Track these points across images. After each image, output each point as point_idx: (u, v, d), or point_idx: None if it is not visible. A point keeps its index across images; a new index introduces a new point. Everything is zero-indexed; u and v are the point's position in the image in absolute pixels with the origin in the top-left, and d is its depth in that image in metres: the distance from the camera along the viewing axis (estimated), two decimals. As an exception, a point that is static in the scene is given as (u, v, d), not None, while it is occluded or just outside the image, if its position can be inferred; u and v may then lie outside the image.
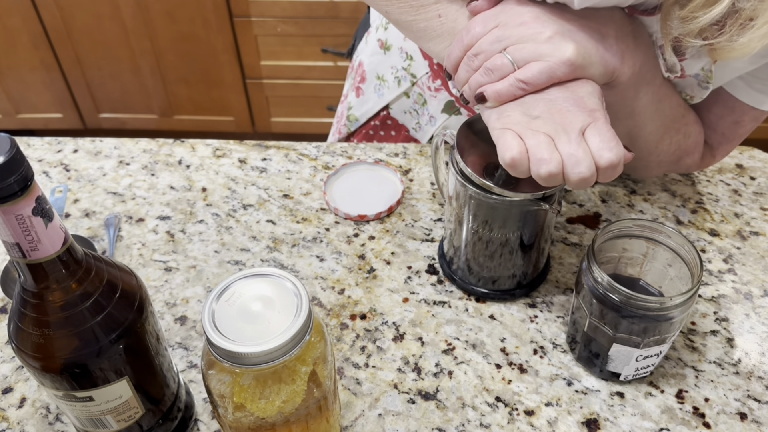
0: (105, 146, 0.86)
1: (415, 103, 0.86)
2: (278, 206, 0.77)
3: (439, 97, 0.82)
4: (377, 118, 0.91)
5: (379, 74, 0.88)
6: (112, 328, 0.45)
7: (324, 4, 1.79)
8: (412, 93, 0.85)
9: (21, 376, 0.61)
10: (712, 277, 0.69)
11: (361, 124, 0.93)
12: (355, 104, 0.93)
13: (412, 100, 0.86)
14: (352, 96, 0.94)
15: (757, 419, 0.57)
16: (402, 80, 0.85)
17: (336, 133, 0.98)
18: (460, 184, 0.58)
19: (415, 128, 0.88)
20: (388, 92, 0.87)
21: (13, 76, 2.03)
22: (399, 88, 0.85)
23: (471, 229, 0.61)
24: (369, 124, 0.92)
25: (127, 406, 0.49)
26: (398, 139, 0.90)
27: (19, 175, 0.36)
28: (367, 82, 0.90)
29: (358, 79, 0.92)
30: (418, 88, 0.84)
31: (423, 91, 0.84)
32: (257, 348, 0.41)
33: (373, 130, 0.92)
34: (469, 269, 0.65)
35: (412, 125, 0.88)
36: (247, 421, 0.45)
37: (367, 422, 0.58)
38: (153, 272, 0.70)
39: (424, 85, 0.83)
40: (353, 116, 0.93)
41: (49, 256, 0.40)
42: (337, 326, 0.65)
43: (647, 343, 0.55)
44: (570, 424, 0.57)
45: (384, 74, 0.87)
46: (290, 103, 2.05)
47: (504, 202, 0.57)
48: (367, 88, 0.90)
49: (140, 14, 1.85)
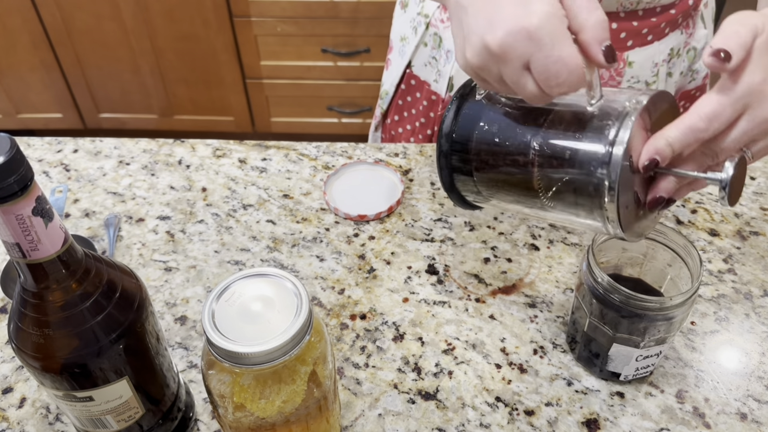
0: (105, 146, 0.86)
1: (432, 49, 0.87)
2: (278, 206, 0.77)
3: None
4: (403, 81, 0.93)
5: (402, 35, 0.91)
6: (112, 328, 0.45)
7: (324, 4, 1.79)
8: (428, 38, 0.87)
9: (21, 376, 0.61)
10: (712, 277, 0.69)
11: (391, 97, 0.96)
12: (386, 78, 0.97)
13: (430, 47, 0.88)
14: (384, 74, 0.98)
15: (757, 419, 0.57)
16: (418, 27, 0.88)
17: (374, 120, 1.03)
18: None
19: (436, 79, 0.89)
20: (408, 47, 0.90)
21: (14, 76, 2.03)
22: (416, 36, 0.88)
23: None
24: (398, 93, 0.95)
25: (127, 406, 0.49)
26: (422, 99, 0.92)
27: (19, 175, 0.36)
28: (394, 51, 0.94)
29: (388, 53, 0.97)
30: (433, 28, 0.86)
31: (437, 28, 0.85)
32: (257, 348, 0.41)
33: (401, 99, 0.95)
34: None
35: (432, 78, 0.90)
36: (247, 421, 0.45)
37: (367, 422, 0.58)
38: (153, 272, 0.70)
39: (437, 21, 0.85)
40: (384, 92, 0.97)
41: (49, 256, 0.40)
42: (337, 326, 0.65)
43: (647, 343, 0.55)
44: (570, 424, 0.57)
45: (405, 32, 0.91)
46: (290, 103, 2.05)
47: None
48: (394, 56, 0.94)
49: (140, 14, 1.85)
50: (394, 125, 0.98)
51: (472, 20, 0.46)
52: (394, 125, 0.98)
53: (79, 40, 1.93)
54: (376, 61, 1.92)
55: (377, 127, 1.03)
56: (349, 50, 1.90)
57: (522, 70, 0.45)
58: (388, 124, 0.99)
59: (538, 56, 0.43)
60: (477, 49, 0.45)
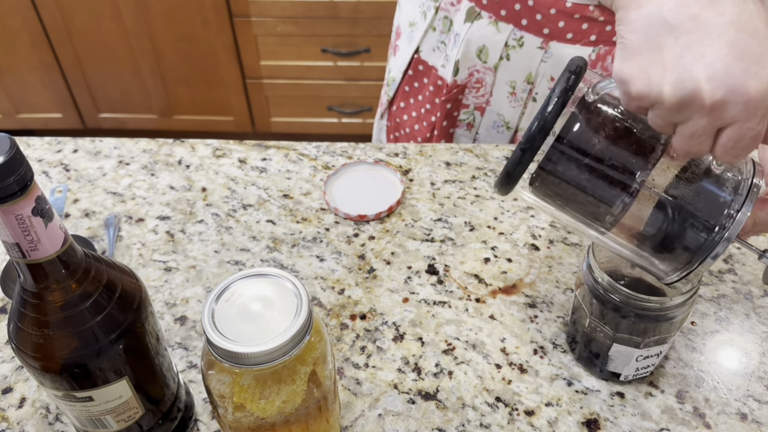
0: (105, 146, 0.86)
1: (441, 33, 0.87)
2: (278, 206, 0.77)
3: (461, 9, 0.83)
4: (410, 67, 0.93)
5: (411, 21, 0.91)
6: (112, 329, 0.45)
7: (324, 4, 1.79)
8: (437, 23, 0.87)
9: (21, 376, 0.61)
10: (712, 277, 0.69)
11: (398, 83, 0.96)
12: (393, 65, 0.97)
13: (439, 32, 0.88)
14: (390, 61, 0.98)
15: (757, 419, 0.57)
16: (427, 11, 0.88)
17: (379, 107, 1.03)
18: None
19: (443, 64, 0.89)
20: (417, 32, 0.90)
21: (13, 76, 2.03)
22: (426, 21, 0.88)
23: None
24: (405, 79, 0.95)
25: (126, 407, 0.49)
26: (429, 84, 0.92)
27: (19, 175, 0.36)
28: (402, 36, 0.94)
29: (395, 38, 0.96)
30: (443, 12, 0.86)
31: (447, 11, 0.85)
32: (257, 348, 0.41)
33: (408, 85, 0.95)
34: None
35: (440, 63, 0.90)
36: (247, 422, 0.45)
37: (367, 422, 0.58)
38: (153, 272, 0.70)
39: (447, 5, 0.85)
40: (391, 78, 0.97)
41: (48, 256, 0.40)
42: (337, 326, 0.65)
43: (647, 343, 0.55)
44: (570, 424, 0.57)
45: (414, 18, 0.91)
46: (290, 103, 2.05)
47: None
48: (402, 42, 0.94)
49: (140, 14, 1.85)
50: (399, 112, 0.98)
51: (685, 53, 0.40)
52: (400, 112, 0.98)
53: (79, 40, 1.93)
54: (376, 61, 1.92)
55: (383, 115, 1.02)
56: (349, 50, 1.90)
57: (714, 129, 0.41)
58: (394, 111, 0.99)
59: (742, 125, 0.40)
60: (684, 91, 0.39)
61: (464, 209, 0.76)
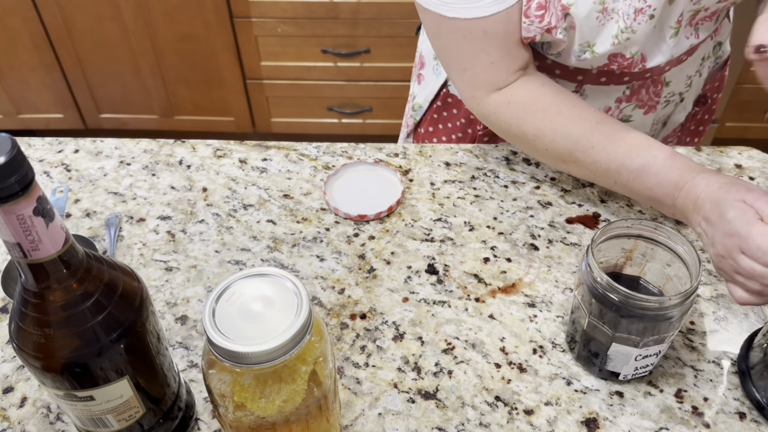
0: (106, 146, 0.86)
1: None
2: (278, 206, 0.77)
3: None
4: (438, 98, 0.92)
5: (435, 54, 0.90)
6: (113, 328, 0.45)
7: (324, 5, 1.79)
8: None
9: (22, 376, 0.62)
10: (712, 277, 0.69)
11: (425, 110, 0.95)
12: (418, 92, 0.96)
13: None
14: (415, 86, 0.97)
15: (756, 419, 0.58)
16: None
17: (405, 127, 1.02)
18: None
19: None
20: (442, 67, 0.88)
21: (14, 77, 2.03)
22: None
23: None
24: (432, 108, 0.94)
25: (127, 406, 0.49)
26: (460, 116, 0.91)
27: (20, 175, 0.36)
28: (426, 67, 0.93)
29: (419, 67, 0.95)
30: None
31: None
32: (258, 347, 0.41)
33: (437, 113, 0.94)
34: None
35: None
36: (247, 421, 0.45)
37: (367, 421, 0.58)
38: (154, 272, 0.70)
39: None
40: (417, 104, 0.96)
41: (50, 256, 0.40)
42: (337, 326, 0.65)
43: (646, 343, 0.55)
44: (569, 423, 0.57)
45: None
46: (290, 103, 2.05)
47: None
48: (427, 72, 0.93)
49: (141, 15, 1.85)
50: (428, 135, 0.97)
51: (717, 237, 0.57)
52: (429, 135, 0.96)
53: (79, 41, 1.93)
54: (376, 62, 1.92)
55: (409, 135, 1.01)
56: (349, 51, 1.90)
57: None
58: (422, 134, 0.98)
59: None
60: (715, 263, 0.58)
61: (464, 209, 0.77)
